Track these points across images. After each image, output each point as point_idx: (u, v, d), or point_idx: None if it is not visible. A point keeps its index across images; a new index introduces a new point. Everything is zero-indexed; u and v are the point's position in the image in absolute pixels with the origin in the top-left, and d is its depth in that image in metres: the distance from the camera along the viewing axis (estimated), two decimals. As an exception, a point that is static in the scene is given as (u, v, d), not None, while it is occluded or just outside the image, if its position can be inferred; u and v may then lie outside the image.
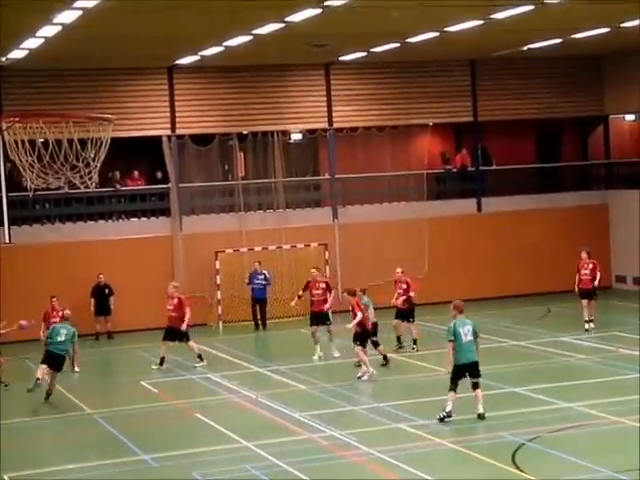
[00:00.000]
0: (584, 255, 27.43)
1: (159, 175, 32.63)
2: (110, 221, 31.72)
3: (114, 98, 31.07)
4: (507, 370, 22.82)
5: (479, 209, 34.82)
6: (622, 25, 27.42)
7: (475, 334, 18.36)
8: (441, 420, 18.04)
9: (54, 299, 25.83)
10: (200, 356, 24.89)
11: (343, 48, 30.09)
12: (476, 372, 18.33)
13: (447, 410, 18.09)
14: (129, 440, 18.17)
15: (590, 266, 27.25)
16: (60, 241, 30.61)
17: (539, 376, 21.83)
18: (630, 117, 37.20)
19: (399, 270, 25.75)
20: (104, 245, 30.86)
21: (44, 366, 21.49)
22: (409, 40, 28.17)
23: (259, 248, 31.68)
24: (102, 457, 17.15)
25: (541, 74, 34.99)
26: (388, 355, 23.86)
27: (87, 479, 16.11)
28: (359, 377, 22.40)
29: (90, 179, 19.34)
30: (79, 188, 20.40)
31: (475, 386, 18.36)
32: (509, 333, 26.68)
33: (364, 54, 31.01)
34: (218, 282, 31.30)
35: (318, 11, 22.51)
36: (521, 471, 15.13)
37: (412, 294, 25.27)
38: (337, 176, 33.70)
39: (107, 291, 29.87)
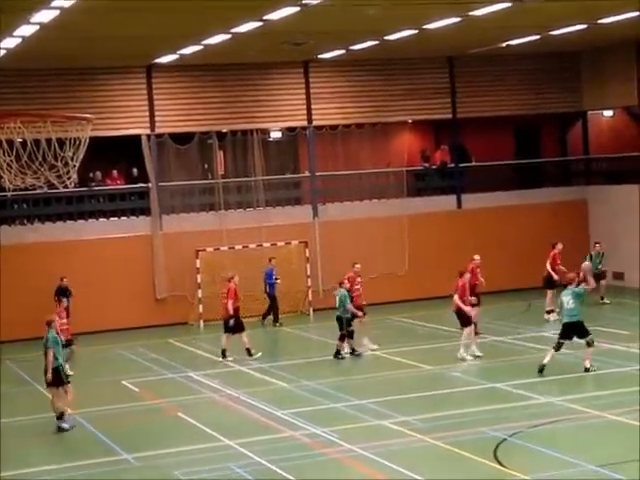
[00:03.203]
0: (560, 247, 28.59)
1: (135, 172, 32.44)
2: (90, 221, 31.60)
3: (93, 97, 30.96)
4: (488, 366, 22.90)
5: (459, 206, 34.90)
6: (599, 21, 27.52)
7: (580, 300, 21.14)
8: (540, 371, 20.88)
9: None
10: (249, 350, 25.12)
11: (322, 46, 30.07)
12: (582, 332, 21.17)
13: (544, 362, 21.03)
14: (110, 440, 18.13)
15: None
16: (40, 241, 30.48)
17: (520, 371, 21.89)
18: (608, 113, 37.36)
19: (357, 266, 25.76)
20: (84, 245, 30.75)
21: None
22: (388, 38, 28.18)
23: (240, 246, 31.66)
24: (83, 457, 17.11)
25: (519, 71, 35.09)
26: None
27: (68, 479, 16.05)
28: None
29: (69, 179, 19.22)
30: (58, 188, 20.28)
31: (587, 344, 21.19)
32: (490, 329, 26.73)
33: (343, 52, 31.02)
34: (199, 281, 31.25)
35: (297, 9, 22.49)
36: (503, 466, 15.18)
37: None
38: (317, 174, 33.71)
39: (67, 293, 29.12)
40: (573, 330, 21.15)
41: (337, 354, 24.34)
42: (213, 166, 32.86)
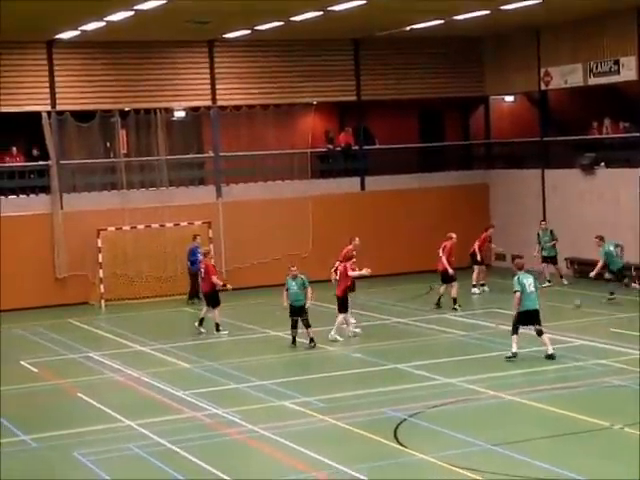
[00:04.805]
0: (491, 230, 30.83)
1: (35, 153, 31.93)
2: (-12, 198, 31.01)
3: (-9, 72, 30.33)
4: (389, 347, 23.11)
5: (362, 188, 35.09)
6: (502, 7, 27.89)
7: (536, 286, 20.98)
8: (508, 359, 20.57)
9: None
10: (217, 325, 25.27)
11: (227, 26, 29.91)
12: (538, 320, 20.81)
13: (513, 351, 20.66)
14: (8, 421, 17.82)
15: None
16: None
17: (421, 353, 22.17)
18: (510, 98, 37.90)
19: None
20: (-18, 223, 30.16)
21: None
22: (293, 19, 28.14)
23: (142, 226, 31.39)
24: (-20, 439, 16.83)
25: (424, 54, 35.36)
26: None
27: (-36, 461, 15.79)
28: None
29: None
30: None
31: (539, 333, 20.81)
32: (392, 310, 26.99)
33: (248, 32, 30.87)
34: (100, 260, 30.89)
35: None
36: (403, 446, 15.36)
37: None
38: (221, 154, 33.55)
39: None
40: (533, 317, 20.93)
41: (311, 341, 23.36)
42: (115, 145, 32.45)
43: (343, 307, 23.90)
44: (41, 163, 31.72)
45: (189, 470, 14.74)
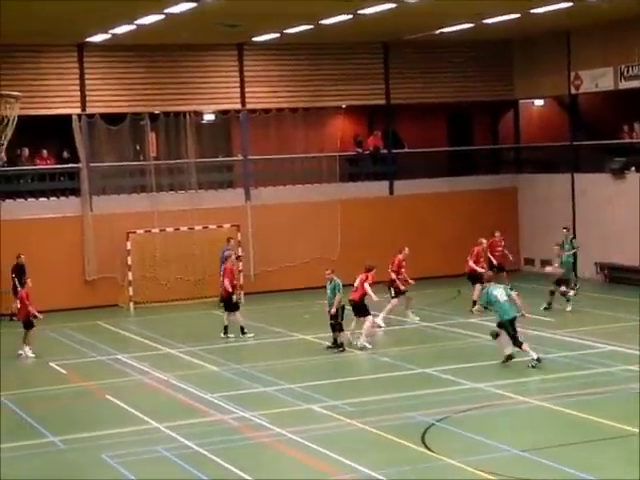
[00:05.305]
0: (498, 234, 29.43)
1: (66, 155, 32.11)
2: (18, 201, 31.15)
3: (23, 75, 30.45)
4: (417, 351, 23.07)
5: (391, 192, 35.05)
6: (532, 11, 27.79)
7: (508, 294, 20.87)
8: (533, 366, 20.25)
9: None
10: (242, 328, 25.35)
11: (256, 29, 29.97)
12: (514, 327, 20.66)
13: (534, 357, 20.39)
14: (37, 422, 17.95)
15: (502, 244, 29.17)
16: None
17: (448, 357, 22.09)
18: (539, 102, 37.76)
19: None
20: (12, 225, 30.27)
21: None
22: (322, 22, 28.16)
23: (171, 229, 31.49)
24: (10, 439, 16.91)
25: (453, 58, 35.29)
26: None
27: (-6, 462, 15.89)
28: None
29: (-3, 157, 18.97)
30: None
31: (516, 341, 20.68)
32: (420, 314, 26.92)
33: (277, 35, 30.93)
34: (129, 263, 31.02)
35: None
36: (430, 451, 15.32)
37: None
38: (250, 157, 33.61)
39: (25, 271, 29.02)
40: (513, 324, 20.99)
41: (339, 344, 23.29)
42: (145, 147, 32.58)
43: (361, 312, 23.42)
44: (71, 165, 31.89)
45: (216, 473, 14.77)
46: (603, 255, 32.24)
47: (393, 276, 26.19)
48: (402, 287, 26.21)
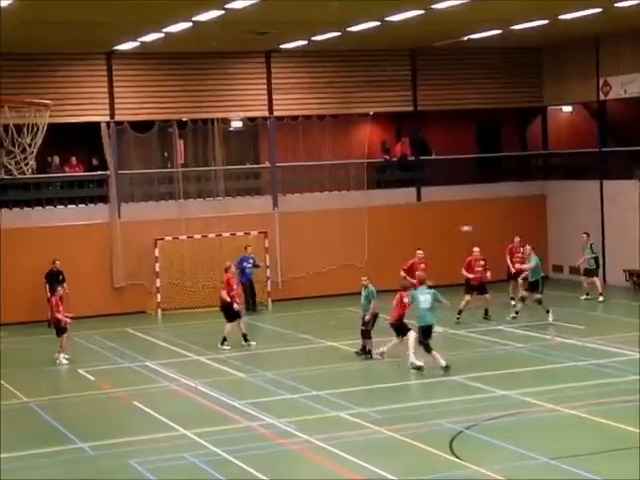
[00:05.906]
0: (517, 239, 29.12)
1: (94, 162, 32.29)
2: (47, 208, 31.34)
3: (52, 83, 30.68)
4: (445, 359, 22.95)
5: (419, 198, 35.00)
6: (560, 17, 27.69)
7: (433, 302, 21.38)
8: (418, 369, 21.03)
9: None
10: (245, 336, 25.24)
11: (284, 36, 30.02)
12: (430, 335, 21.31)
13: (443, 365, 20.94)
14: (66, 428, 18.02)
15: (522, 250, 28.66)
16: (-4, 228, 30.20)
17: (476, 364, 22.01)
18: (567, 109, 37.60)
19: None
20: (41, 232, 30.49)
21: None
22: (350, 29, 28.17)
23: (199, 236, 31.57)
24: (38, 446, 16.98)
25: (481, 65, 35.23)
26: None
27: (23, 468, 15.93)
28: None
29: (26, 165, 19.06)
30: (15, 175, 20.08)
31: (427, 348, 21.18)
32: (447, 322, 26.82)
33: (305, 42, 30.97)
34: (157, 270, 31.12)
35: (259, -2, 22.44)
36: (459, 458, 15.26)
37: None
38: (277, 164, 33.65)
39: (60, 278, 29.25)
40: (427, 333, 21.35)
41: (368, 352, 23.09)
42: (173, 155, 32.71)
43: (401, 331, 22.53)
44: (100, 173, 32.05)
45: (244, 480, 14.78)
46: (632, 262, 32.04)
47: (403, 274, 26.02)
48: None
